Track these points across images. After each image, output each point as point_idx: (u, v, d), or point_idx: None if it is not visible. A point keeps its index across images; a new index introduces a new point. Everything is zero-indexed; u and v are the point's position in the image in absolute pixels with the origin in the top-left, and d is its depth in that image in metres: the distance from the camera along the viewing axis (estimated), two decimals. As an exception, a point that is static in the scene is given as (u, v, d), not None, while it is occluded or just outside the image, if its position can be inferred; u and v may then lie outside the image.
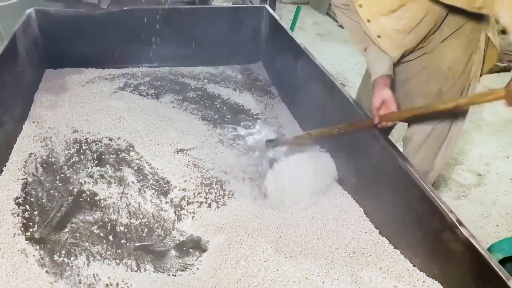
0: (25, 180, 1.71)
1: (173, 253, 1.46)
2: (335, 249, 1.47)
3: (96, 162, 1.86)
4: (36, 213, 1.56)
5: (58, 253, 1.40)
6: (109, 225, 1.54)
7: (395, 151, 1.49)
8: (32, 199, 1.62)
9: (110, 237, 1.49)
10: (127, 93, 2.44)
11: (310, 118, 2.18)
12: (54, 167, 1.80)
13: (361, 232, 1.55)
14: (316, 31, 4.79)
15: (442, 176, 2.57)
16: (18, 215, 1.54)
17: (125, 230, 1.53)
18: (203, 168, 1.88)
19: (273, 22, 2.69)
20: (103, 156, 1.90)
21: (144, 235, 1.52)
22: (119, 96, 2.40)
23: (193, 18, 2.72)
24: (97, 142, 1.98)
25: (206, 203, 1.68)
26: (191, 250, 1.47)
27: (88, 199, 1.65)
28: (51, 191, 1.67)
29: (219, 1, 3.38)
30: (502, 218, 2.27)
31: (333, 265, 1.39)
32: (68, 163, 1.83)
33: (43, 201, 1.62)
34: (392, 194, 1.51)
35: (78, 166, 1.82)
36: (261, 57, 2.93)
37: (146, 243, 1.49)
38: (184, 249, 1.48)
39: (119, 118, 2.18)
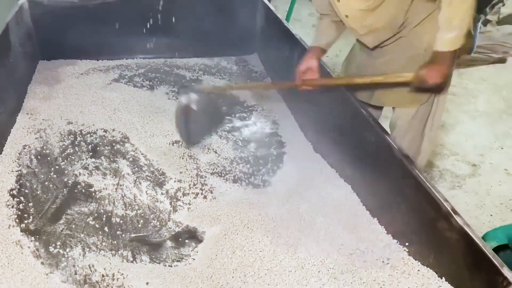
0: (19, 172, 1.70)
1: (169, 244, 1.46)
2: (331, 239, 1.47)
3: (91, 153, 1.85)
4: (31, 204, 1.55)
5: (53, 245, 1.40)
6: (104, 216, 1.54)
7: (390, 141, 1.49)
8: (26, 190, 1.61)
9: (106, 228, 1.49)
10: (121, 84, 2.43)
11: (305, 110, 2.18)
12: (49, 158, 1.79)
13: (357, 222, 1.55)
14: (311, 22, 4.77)
15: (437, 166, 2.58)
16: (12, 206, 1.53)
17: (121, 221, 1.52)
18: (198, 159, 1.87)
19: (268, 13, 2.68)
20: (98, 148, 1.89)
21: (139, 226, 1.52)
22: (113, 87, 2.38)
23: (188, 9, 2.70)
24: (91, 134, 1.97)
25: (201, 194, 1.68)
26: (187, 241, 1.47)
27: (83, 190, 1.65)
28: (46, 183, 1.66)
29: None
30: (496, 208, 2.29)
31: (328, 254, 1.39)
32: (63, 154, 1.82)
33: (38, 192, 1.61)
34: (388, 183, 1.51)
35: (73, 157, 1.81)
36: (256, 49, 2.92)
37: (142, 234, 1.49)
38: (180, 240, 1.48)
39: (113, 110, 2.16)
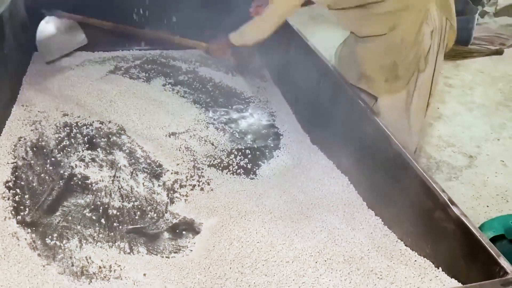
0: (15, 164, 1.69)
1: (166, 235, 1.46)
2: (328, 230, 1.47)
3: (87, 145, 1.84)
4: (27, 196, 1.55)
5: (50, 236, 1.39)
6: (101, 208, 1.53)
7: (386, 131, 1.49)
8: (22, 183, 1.61)
9: (103, 220, 1.48)
10: (117, 76, 2.41)
11: (302, 101, 2.18)
12: (45, 150, 1.78)
13: (354, 213, 1.56)
14: (308, 14, 4.75)
15: (433, 158, 2.59)
16: (8, 198, 1.53)
17: (118, 213, 1.52)
18: (195, 151, 1.87)
19: (265, 4, 2.65)
20: (94, 140, 1.88)
21: (136, 218, 1.51)
22: (109, 79, 2.37)
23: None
24: (87, 126, 1.96)
25: (199, 186, 1.68)
26: (184, 232, 1.47)
27: (80, 182, 1.64)
28: (42, 175, 1.65)
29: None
30: (492, 199, 2.30)
31: (325, 245, 1.40)
32: (59, 146, 1.81)
33: (34, 184, 1.60)
34: (385, 174, 1.51)
35: (69, 149, 1.80)
36: (253, 40, 2.90)
37: (139, 225, 1.48)
38: (177, 231, 1.48)
39: (109, 102, 2.15)
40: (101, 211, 1.52)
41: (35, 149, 1.78)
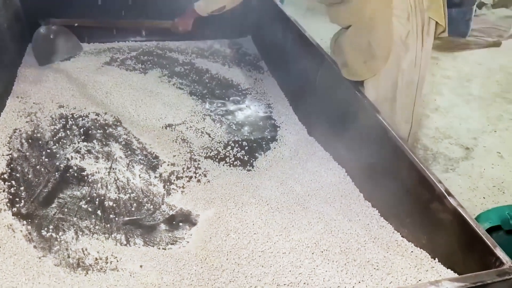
0: (10, 156, 1.68)
1: (162, 227, 1.46)
2: (325, 221, 1.47)
3: (83, 137, 1.83)
4: (22, 188, 1.54)
5: (45, 228, 1.39)
6: (97, 200, 1.53)
7: (383, 122, 1.48)
8: (18, 174, 1.59)
9: (99, 212, 1.48)
10: (113, 68, 2.40)
11: (299, 93, 2.17)
12: (40, 142, 1.77)
13: (351, 204, 1.56)
14: (305, 5, 4.72)
15: (430, 149, 2.59)
16: (3, 190, 1.52)
17: (114, 205, 1.51)
18: (192, 143, 1.86)
19: (262, -5, 2.64)
20: (90, 132, 1.87)
21: (133, 209, 1.51)
22: (105, 71, 2.35)
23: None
24: (83, 118, 1.95)
25: (195, 177, 1.67)
26: (181, 224, 1.47)
27: (76, 174, 1.63)
28: (37, 167, 1.64)
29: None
30: (488, 191, 2.30)
31: (322, 236, 1.40)
32: (54, 138, 1.80)
33: (29, 176, 1.60)
34: (381, 166, 1.51)
35: (65, 141, 1.79)
36: (250, 31, 2.89)
37: (135, 217, 1.48)
38: (174, 223, 1.47)
39: (105, 93, 2.14)
40: (97, 202, 1.51)
41: (30, 140, 1.77)
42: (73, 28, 2.48)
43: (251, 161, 1.80)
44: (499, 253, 1.05)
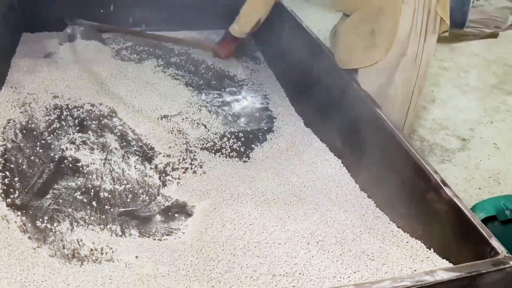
0: (4, 147, 1.66)
1: (158, 218, 1.45)
2: (320, 212, 1.47)
3: (78, 128, 1.81)
4: (16, 179, 1.52)
5: (40, 219, 1.38)
6: (92, 191, 1.52)
7: (380, 113, 1.48)
8: (12, 165, 1.58)
9: (94, 203, 1.47)
10: (108, 58, 2.37)
11: (296, 84, 2.16)
12: (34, 133, 1.75)
13: (347, 195, 1.56)
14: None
15: (427, 141, 2.59)
16: (-3, 181, 1.51)
17: (109, 196, 1.51)
18: (188, 134, 1.85)
19: (258, -15, 2.60)
20: (85, 122, 1.85)
21: (128, 200, 1.50)
22: (100, 61, 2.32)
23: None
24: (78, 108, 1.93)
25: (191, 169, 1.66)
26: (176, 215, 1.47)
27: (70, 165, 1.62)
28: (32, 158, 1.63)
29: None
30: (484, 182, 2.31)
31: (317, 227, 1.40)
32: (49, 129, 1.78)
33: (24, 167, 1.58)
34: (377, 156, 1.51)
35: (59, 132, 1.78)
36: (247, 22, 2.85)
37: (130, 208, 1.47)
38: (170, 214, 1.47)
39: (100, 84, 2.12)
40: (92, 194, 1.51)
41: (24, 131, 1.75)
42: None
43: (247, 152, 1.79)
44: (494, 243, 1.05)
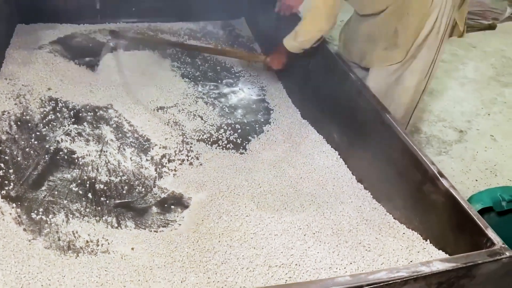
0: (-2, 139, 1.65)
1: (154, 209, 1.45)
2: (317, 203, 1.47)
3: (73, 120, 1.80)
4: (11, 171, 1.51)
5: (35, 211, 1.37)
6: (88, 183, 1.51)
7: (377, 105, 1.47)
8: (6, 157, 1.57)
9: (89, 195, 1.46)
10: (104, 49, 2.34)
11: (293, 76, 2.14)
12: (29, 125, 1.74)
13: (343, 187, 1.55)
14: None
15: (424, 132, 2.58)
16: (-8, 173, 1.50)
17: (105, 188, 1.50)
18: (184, 126, 1.84)
19: (255, -25, 2.59)
20: (80, 114, 1.84)
21: (124, 192, 1.49)
22: (96, 52, 2.30)
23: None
24: (73, 100, 1.91)
25: (187, 160, 1.66)
26: (172, 207, 1.46)
27: (66, 157, 1.61)
28: (27, 149, 1.62)
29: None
30: (481, 173, 2.31)
31: (314, 218, 1.40)
32: (44, 121, 1.77)
33: (18, 159, 1.57)
34: (375, 148, 1.50)
35: (55, 124, 1.76)
36: (244, 13, 2.84)
37: (126, 200, 1.47)
38: (166, 205, 1.46)
39: (96, 75, 2.10)
40: (88, 185, 1.50)
41: (19, 123, 1.74)
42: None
43: (244, 144, 1.78)
44: (491, 234, 1.05)
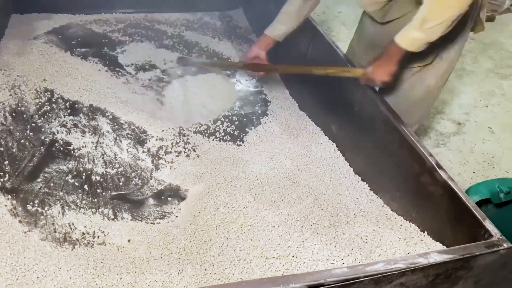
0: (-7, 130, 1.64)
1: (151, 201, 1.44)
2: (314, 195, 1.47)
3: (69, 111, 1.78)
4: (6, 163, 1.50)
5: (31, 203, 1.36)
6: (84, 174, 1.50)
7: (376, 96, 1.46)
8: (1, 149, 1.56)
9: (86, 187, 1.45)
10: (100, 40, 2.32)
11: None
12: (24, 116, 1.72)
13: (341, 178, 1.55)
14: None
15: (422, 125, 2.58)
16: (-13, 165, 1.48)
17: (101, 180, 1.49)
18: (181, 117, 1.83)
19: (253, -35, 2.56)
20: (76, 105, 1.82)
21: (120, 184, 1.49)
22: (92, 43, 2.27)
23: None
24: (69, 91, 1.89)
25: (184, 152, 1.65)
26: (169, 199, 1.45)
27: (62, 148, 1.60)
28: (22, 141, 1.60)
29: None
30: (479, 165, 2.31)
31: (311, 210, 1.39)
32: (39, 112, 1.75)
33: (14, 150, 1.56)
34: (372, 140, 1.50)
35: (50, 115, 1.75)
36: (241, 3, 2.81)
37: (123, 192, 1.46)
38: (163, 197, 1.46)
39: (92, 66, 2.07)
40: (84, 177, 1.49)
41: (14, 114, 1.72)
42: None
43: (241, 136, 1.77)
44: (488, 225, 1.05)
